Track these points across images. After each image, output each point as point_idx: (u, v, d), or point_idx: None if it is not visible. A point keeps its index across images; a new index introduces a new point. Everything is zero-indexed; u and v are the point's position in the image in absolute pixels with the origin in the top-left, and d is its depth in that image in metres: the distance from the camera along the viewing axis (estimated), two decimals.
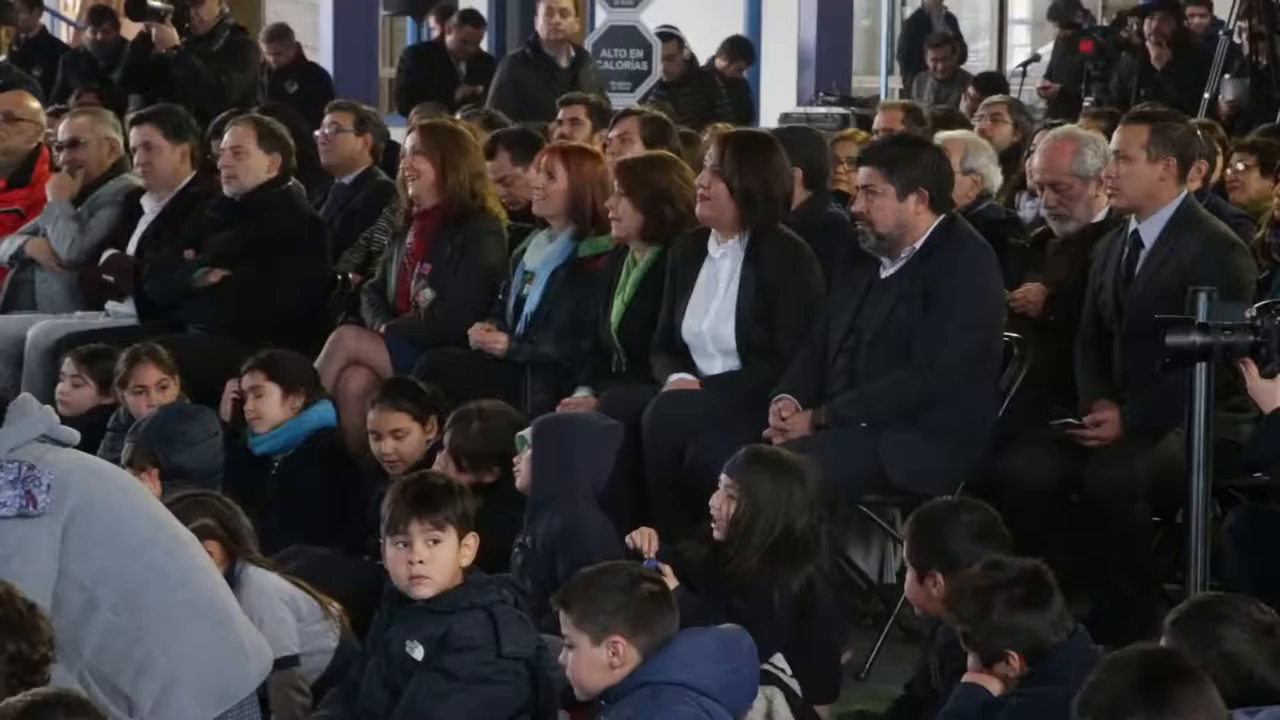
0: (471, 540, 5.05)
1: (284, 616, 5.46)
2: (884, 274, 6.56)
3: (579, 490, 5.98)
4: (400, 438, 6.68)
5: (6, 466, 4.63)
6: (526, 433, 6.10)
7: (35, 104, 9.58)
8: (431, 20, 15.09)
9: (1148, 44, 13.33)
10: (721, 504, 5.61)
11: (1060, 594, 4.74)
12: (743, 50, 15.83)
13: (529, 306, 7.48)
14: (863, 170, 6.61)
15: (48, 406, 4.95)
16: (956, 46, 15.89)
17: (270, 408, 6.94)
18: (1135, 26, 13.82)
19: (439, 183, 7.79)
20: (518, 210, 8.02)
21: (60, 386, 7.45)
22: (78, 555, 4.69)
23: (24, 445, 4.69)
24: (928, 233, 6.51)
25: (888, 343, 6.47)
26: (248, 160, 8.20)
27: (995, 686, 4.65)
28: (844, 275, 6.69)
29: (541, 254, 7.53)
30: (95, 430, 6.95)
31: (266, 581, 5.54)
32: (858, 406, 6.45)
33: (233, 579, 5.46)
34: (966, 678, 4.69)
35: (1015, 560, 4.84)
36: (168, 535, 4.90)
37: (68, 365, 7.47)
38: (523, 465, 6.03)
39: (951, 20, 17.54)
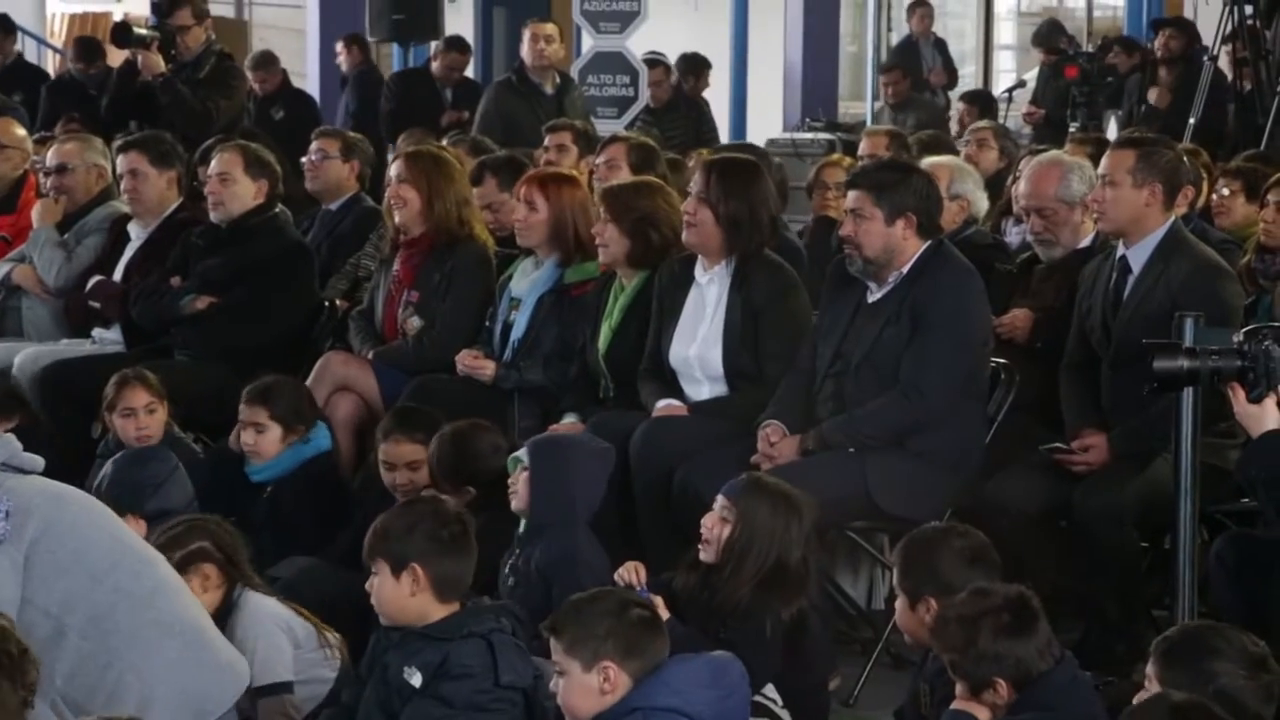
0: None
1: (280, 643, 5.43)
2: (871, 299, 6.56)
3: (576, 515, 5.97)
4: (416, 469, 6.60)
5: None
6: (522, 454, 6.09)
7: (21, 131, 9.59)
8: (431, 48, 15.13)
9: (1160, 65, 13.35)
10: (715, 525, 5.57)
11: (1046, 620, 4.73)
12: (693, 66, 15.85)
13: (516, 333, 7.48)
14: (851, 194, 6.62)
15: (9, 435, 4.93)
16: (906, 74, 15.96)
17: (269, 445, 6.91)
18: (1153, 42, 13.82)
19: (425, 211, 7.79)
20: (504, 236, 8.02)
21: None
22: (42, 582, 4.69)
23: None
24: (915, 257, 6.51)
25: (874, 367, 6.47)
26: (234, 187, 8.19)
27: (984, 715, 4.64)
28: (830, 300, 6.69)
29: (527, 281, 7.53)
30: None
31: (264, 606, 5.52)
32: (845, 431, 6.44)
33: (230, 603, 5.46)
34: (955, 705, 4.68)
35: (1000, 587, 4.83)
36: (133, 556, 4.90)
37: None
38: (520, 487, 6.00)
39: (941, 45, 17.59)
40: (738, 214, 6.84)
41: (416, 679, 4.95)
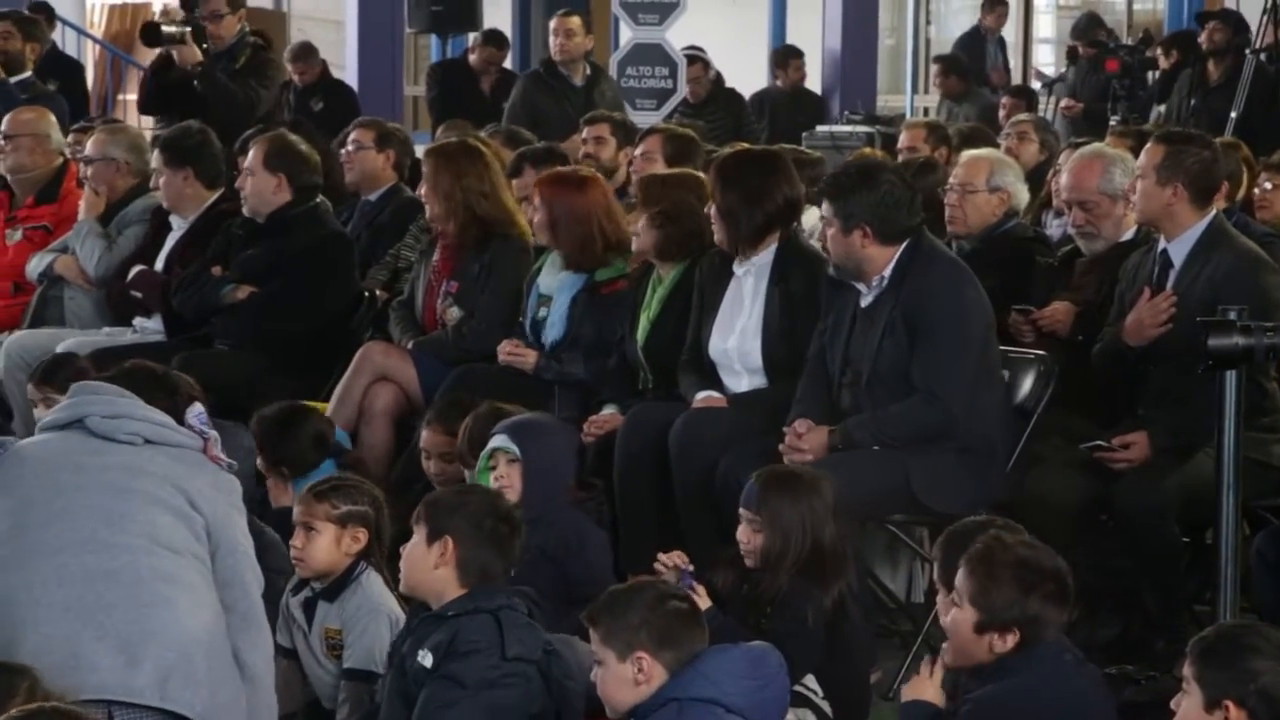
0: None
1: (383, 632, 5.43)
2: (864, 303, 6.50)
3: (565, 495, 6.06)
4: (448, 461, 6.63)
5: None
6: (503, 443, 6.09)
7: (38, 119, 9.52)
8: (470, 39, 15.15)
9: (1209, 61, 13.27)
10: (749, 537, 5.61)
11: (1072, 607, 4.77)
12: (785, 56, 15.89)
13: (551, 331, 7.47)
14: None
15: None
16: (950, 69, 15.93)
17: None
18: (1203, 34, 13.75)
19: (447, 205, 7.81)
20: None
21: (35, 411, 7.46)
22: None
23: None
24: (892, 263, 6.44)
25: (883, 382, 6.42)
26: (252, 180, 8.18)
27: (932, 695, 4.70)
28: (829, 301, 6.64)
29: (556, 279, 7.53)
30: None
31: (380, 592, 5.53)
32: (870, 431, 6.40)
33: (350, 575, 5.52)
34: (920, 685, 4.74)
35: (1050, 551, 4.86)
36: None
37: (31, 391, 7.40)
38: (511, 477, 6.03)
39: (1002, 44, 17.53)
40: (732, 206, 6.83)
41: (428, 660, 4.97)
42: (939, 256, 6.52)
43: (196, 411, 5.06)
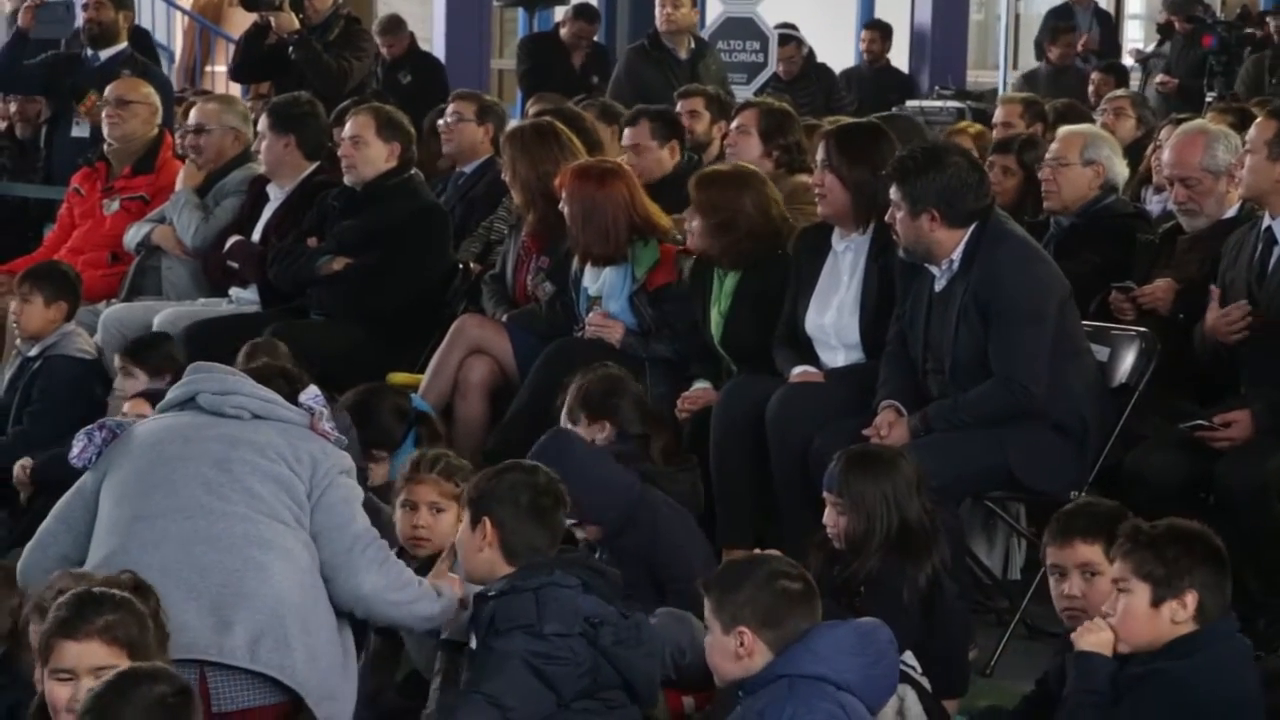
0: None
1: None
2: (937, 287, 6.46)
3: (626, 493, 5.96)
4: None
5: None
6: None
7: (148, 88, 9.60)
8: (558, 13, 15.16)
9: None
10: (834, 520, 5.62)
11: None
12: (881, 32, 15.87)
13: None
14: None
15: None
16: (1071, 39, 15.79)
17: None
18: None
19: (525, 196, 7.82)
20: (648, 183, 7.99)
21: (117, 380, 7.52)
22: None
23: None
24: (961, 245, 6.39)
25: (966, 369, 6.37)
26: (366, 150, 8.22)
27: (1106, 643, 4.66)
28: (905, 285, 6.60)
29: (598, 281, 7.51)
30: None
31: None
32: (950, 418, 6.36)
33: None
34: (1092, 626, 4.69)
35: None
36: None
37: (118, 360, 7.50)
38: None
39: (1103, 16, 17.33)
40: (863, 180, 6.79)
41: (474, 642, 5.02)
42: (1007, 236, 6.45)
43: (313, 394, 5.16)
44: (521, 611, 4.97)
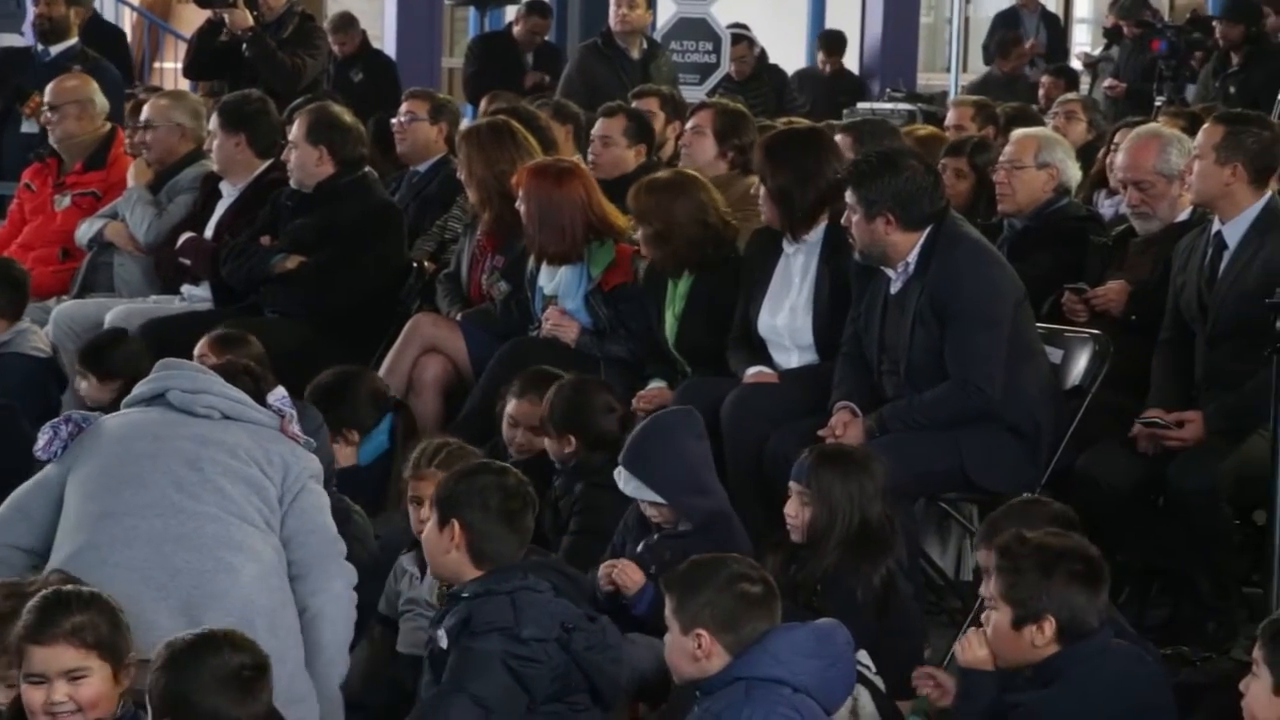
0: None
1: None
2: (892, 289, 6.49)
3: (704, 479, 5.95)
4: (538, 433, 6.60)
5: None
6: (636, 490, 5.89)
7: (81, 84, 9.51)
8: (510, 12, 15.16)
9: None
10: (797, 511, 5.64)
11: (1106, 589, 4.76)
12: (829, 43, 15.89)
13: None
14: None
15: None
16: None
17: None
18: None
19: (482, 195, 7.81)
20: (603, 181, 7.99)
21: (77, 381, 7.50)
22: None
23: None
24: (917, 247, 6.42)
25: (921, 371, 6.40)
26: (295, 153, 8.20)
27: (985, 660, 4.69)
28: (860, 286, 6.62)
29: (554, 280, 7.51)
30: None
31: None
32: (905, 419, 6.39)
33: None
34: (970, 642, 4.74)
35: (1077, 536, 4.89)
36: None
37: (77, 364, 7.46)
38: (662, 511, 5.87)
39: (1050, 19, 17.42)
40: (786, 187, 6.81)
41: (444, 641, 5.02)
42: (963, 239, 6.48)
43: (279, 395, 5.17)
44: (498, 614, 4.97)
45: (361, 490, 6.28)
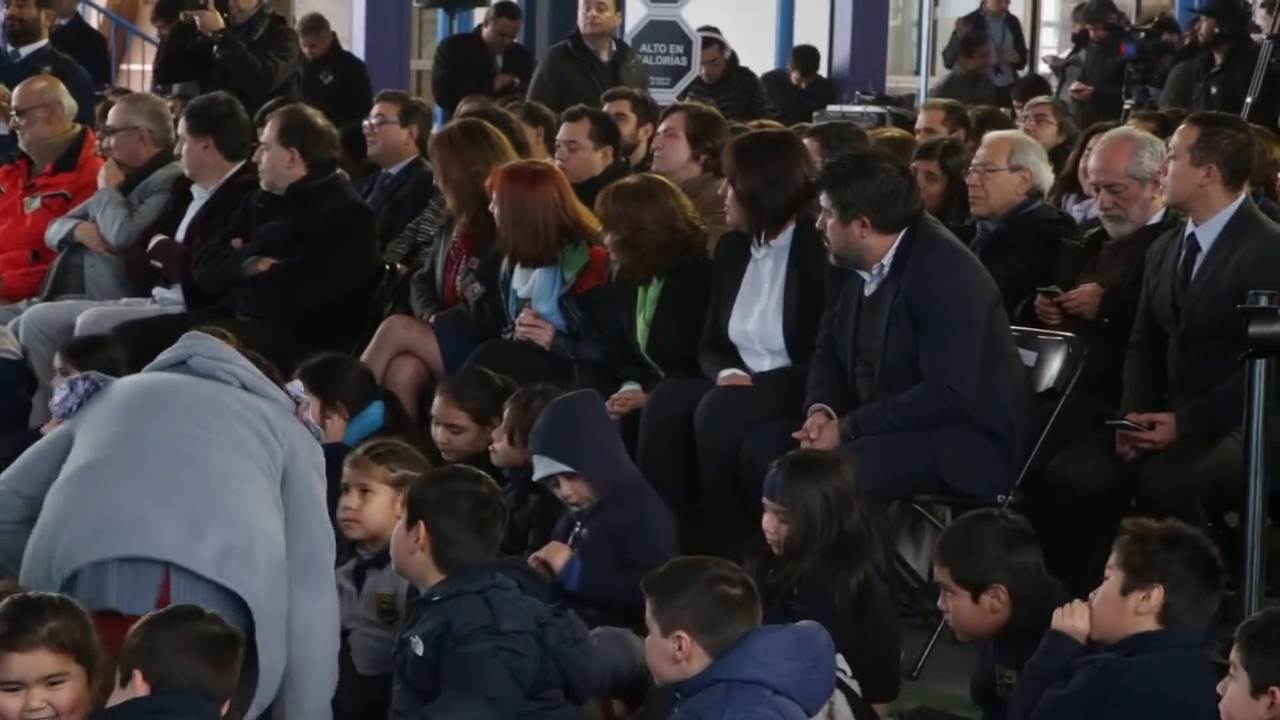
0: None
1: None
2: (867, 291, 6.50)
3: (628, 475, 6.08)
4: (456, 432, 6.67)
5: None
6: (548, 466, 6.02)
7: (64, 87, 9.49)
8: (479, 14, 15.16)
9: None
10: (775, 527, 5.63)
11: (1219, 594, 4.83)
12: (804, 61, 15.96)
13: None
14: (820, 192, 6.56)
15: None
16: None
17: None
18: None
19: (459, 199, 7.80)
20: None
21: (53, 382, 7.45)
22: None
23: None
24: (892, 249, 6.43)
25: (898, 374, 6.41)
26: (266, 154, 8.18)
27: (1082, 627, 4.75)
28: (834, 289, 6.63)
29: (527, 283, 7.50)
30: None
31: None
32: (879, 421, 6.40)
33: None
34: (1073, 611, 4.79)
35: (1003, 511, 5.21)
36: None
37: (57, 360, 7.41)
38: (579, 489, 5.99)
39: (1014, 23, 17.47)
40: (754, 190, 6.82)
41: (419, 648, 5.02)
42: (937, 241, 6.49)
43: (297, 386, 5.27)
44: (476, 614, 4.97)
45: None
